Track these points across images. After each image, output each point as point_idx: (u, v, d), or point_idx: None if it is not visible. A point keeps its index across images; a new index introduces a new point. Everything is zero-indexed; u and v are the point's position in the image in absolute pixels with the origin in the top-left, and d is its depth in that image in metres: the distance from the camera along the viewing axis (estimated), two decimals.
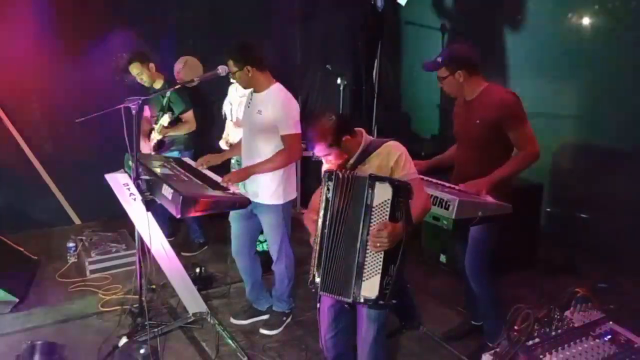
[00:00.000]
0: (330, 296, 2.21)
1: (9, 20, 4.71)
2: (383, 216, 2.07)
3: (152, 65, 4.20)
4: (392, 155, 2.27)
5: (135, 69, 4.18)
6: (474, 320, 3.29)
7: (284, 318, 3.45)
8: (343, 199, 2.13)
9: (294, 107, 3.08)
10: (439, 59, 2.81)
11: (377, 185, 2.06)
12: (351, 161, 2.32)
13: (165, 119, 4.02)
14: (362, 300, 2.09)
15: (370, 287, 2.08)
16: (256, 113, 3.08)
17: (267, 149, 3.09)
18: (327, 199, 2.16)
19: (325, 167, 2.48)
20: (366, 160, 2.30)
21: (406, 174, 2.24)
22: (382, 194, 2.06)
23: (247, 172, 3.12)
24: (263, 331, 3.38)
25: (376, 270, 2.07)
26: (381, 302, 2.08)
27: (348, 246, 2.12)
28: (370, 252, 2.08)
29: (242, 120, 3.28)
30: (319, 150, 2.28)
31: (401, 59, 6.10)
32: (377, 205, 2.07)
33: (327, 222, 2.16)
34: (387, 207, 2.06)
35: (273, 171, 3.09)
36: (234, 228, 3.35)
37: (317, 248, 2.19)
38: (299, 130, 3.07)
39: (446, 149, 3.20)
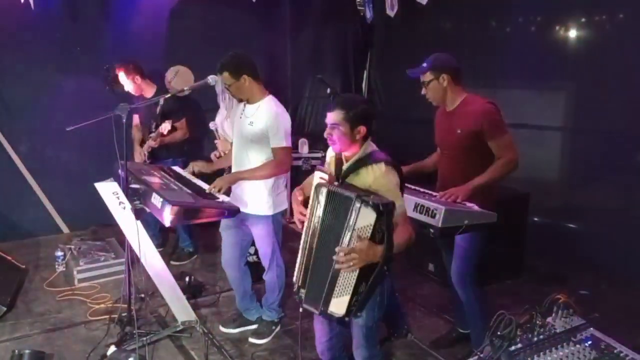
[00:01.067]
0: (307, 308, 2.25)
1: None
2: (363, 239, 2.02)
3: (137, 77, 4.21)
4: (380, 183, 2.16)
5: (122, 77, 4.21)
6: (462, 328, 3.32)
7: (273, 327, 3.46)
8: (331, 215, 2.12)
9: (286, 119, 3.11)
10: (424, 65, 2.87)
11: (362, 208, 2.00)
12: (345, 167, 2.27)
13: (165, 127, 4.02)
14: (328, 313, 2.14)
15: (338, 305, 2.12)
16: (248, 124, 3.10)
17: (258, 160, 3.11)
18: (317, 215, 2.16)
19: (329, 152, 2.45)
20: (359, 171, 2.23)
21: None
22: (366, 217, 2.01)
23: (234, 178, 3.14)
24: (252, 340, 3.38)
25: (347, 290, 2.09)
26: (346, 319, 2.13)
27: (326, 262, 2.12)
28: (344, 271, 2.06)
29: (233, 131, 3.30)
30: (334, 117, 2.19)
31: (390, 69, 6.16)
32: (358, 228, 2.03)
33: (316, 237, 2.17)
34: (369, 231, 2.01)
35: (260, 179, 3.10)
36: (225, 238, 3.37)
37: (304, 260, 2.23)
38: (289, 144, 3.10)
39: None
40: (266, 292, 3.45)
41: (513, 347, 1.63)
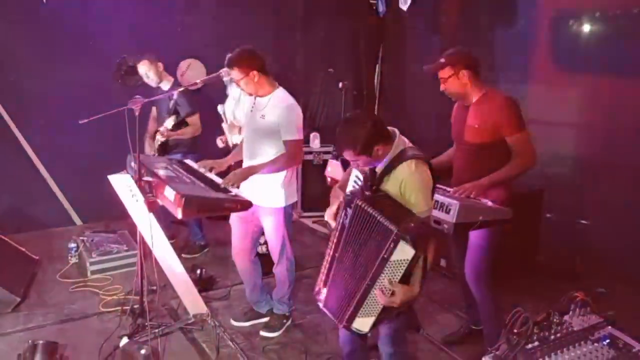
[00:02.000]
0: (327, 313, 2.31)
1: (12, 22, 4.74)
2: (396, 273, 2.01)
3: (160, 64, 4.22)
4: (407, 184, 2.13)
5: (143, 67, 4.18)
6: (474, 325, 3.31)
7: (284, 320, 3.46)
8: (358, 229, 2.10)
9: (297, 112, 3.10)
10: (442, 60, 2.82)
11: (401, 243, 1.95)
12: (378, 169, 2.20)
13: (169, 122, 4.03)
14: (352, 329, 2.20)
15: (363, 323, 2.17)
16: (259, 118, 3.10)
17: (270, 152, 3.11)
18: (342, 225, 2.16)
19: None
20: (391, 173, 2.17)
21: (415, 212, 2.11)
22: (402, 253, 1.97)
23: (246, 173, 3.11)
24: (263, 333, 3.39)
25: (374, 312, 2.12)
26: (369, 334, 2.24)
27: (352, 281, 2.14)
28: (373, 296, 2.08)
29: (244, 124, 3.30)
30: (347, 156, 2.16)
31: (402, 63, 6.12)
32: (393, 261, 2.00)
33: (340, 247, 2.19)
34: (403, 267, 2.00)
35: (273, 173, 3.10)
36: (235, 230, 3.37)
37: (327, 265, 2.26)
38: (301, 136, 3.10)
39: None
40: (276, 286, 3.45)
41: (530, 345, 1.61)
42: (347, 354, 2.55)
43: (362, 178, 2.26)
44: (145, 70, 4.19)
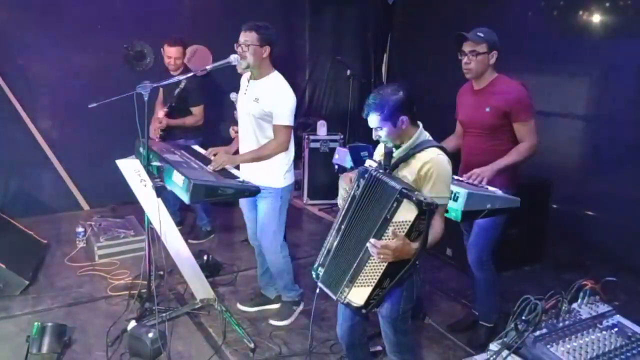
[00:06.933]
0: (322, 287, 2.22)
1: (20, 8, 4.74)
2: (399, 233, 1.96)
3: (180, 48, 4.25)
4: (424, 169, 2.07)
5: (169, 45, 4.21)
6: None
7: (294, 307, 3.41)
8: (367, 200, 2.05)
9: (291, 98, 3.01)
10: (481, 34, 2.77)
11: (404, 202, 1.91)
12: (396, 154, 2.18)
13: (161, 113, 4.08)
14: (345, 302, 2.11)
15: (358, 294, 2.07)
16: (253, 101, 3.03)
17: (264, 138, 3.05)
18: (354, 196, 2.10)
19: (379, 149, 2.36)
20: (409, 160, 2.13)
21: (433, 197, 2.03)
22: (406, 213, 1.92)
23: (234, 160, 3.09)
24: (273, 322, 3.36)
25: (371, 282, 2.04)
26: (363, 310, 2.09)
27: (354, 248, 2.08)
28: (372, 261, 2.01)
29: (238, 107, 3.21)
30: (372, 121, 2.13)
31: (410, 52, 6.08)
32: (396, 222, 1.95)
33: (347, 218, 2.12)
34: (406, 227, 1.94)
35: (260, 161, 3.05)
36: (245, 213, 3.36)
37: (330, 239, 2.19)
38: (291, 123, 3.01)
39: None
40: (276, 278, 3.38)
41: (538, 332, 1.61)
42: (347, 348, 2.48)
43: (376, 164, 2.22)
44: (176, 56, 4.21)
